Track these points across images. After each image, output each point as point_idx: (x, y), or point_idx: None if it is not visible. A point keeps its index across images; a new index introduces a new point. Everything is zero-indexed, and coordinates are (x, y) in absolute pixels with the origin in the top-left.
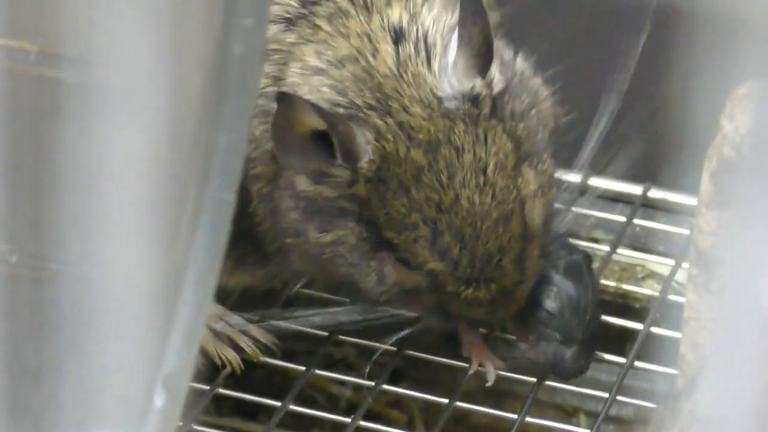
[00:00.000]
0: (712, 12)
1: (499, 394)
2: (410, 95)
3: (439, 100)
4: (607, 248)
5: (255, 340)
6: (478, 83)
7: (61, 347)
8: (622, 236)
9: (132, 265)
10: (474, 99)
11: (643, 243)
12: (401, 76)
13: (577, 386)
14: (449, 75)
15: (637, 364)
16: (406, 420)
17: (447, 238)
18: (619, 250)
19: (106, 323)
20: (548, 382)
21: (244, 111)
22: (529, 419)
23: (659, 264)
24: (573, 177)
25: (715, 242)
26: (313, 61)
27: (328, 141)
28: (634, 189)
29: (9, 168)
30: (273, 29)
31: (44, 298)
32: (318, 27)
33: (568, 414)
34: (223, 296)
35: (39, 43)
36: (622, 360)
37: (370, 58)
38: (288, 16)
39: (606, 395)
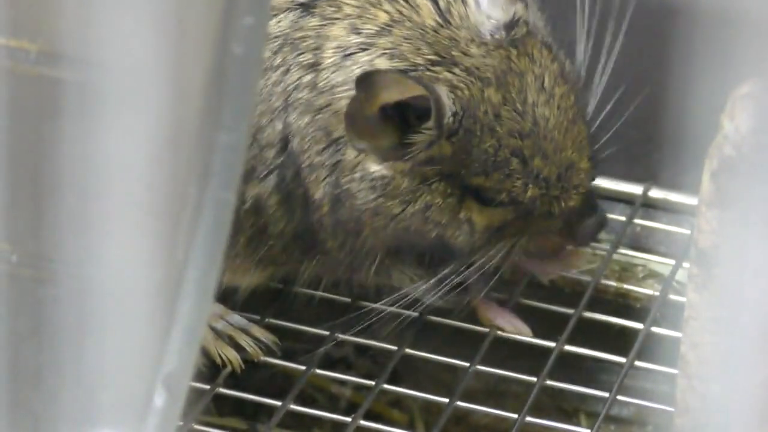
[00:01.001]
0: (713, 11)
1: (500, 394)
2: (464, 38)
3: (489, 34)
4: (607, 248)
5: (256, 340)
6: (518, 8)
7: (61, 347)
8: (623, 236)
9: (132, 264)
10: (514, 23)
11: (643, 243)
12: (449, 23)
13: (577, 386)
14: (488, 6)
15: (638, 363)
16: (407, 420)
17: (536, 161)
18: (620, 250)
19: (106, 323)
20: (549, 382)
21: (245, 110)
22: (529, 419)
23: (660, 263)
24: None
25: (715, 242)
26: (353, 38)
27: (396, 115)
28: (635, 188)
29: (9, 168)
30: (290, 17)
31: (45, 297)
32: (341, 4)
33: (568, 414)
34: (230, 296)
35: (39, 43)
36: (622, 360)
37: (414, 16)
38: (302, 1)
39: (606, 395)
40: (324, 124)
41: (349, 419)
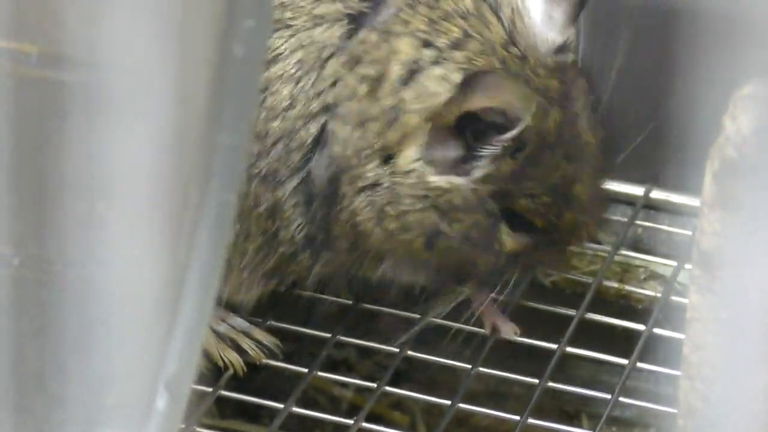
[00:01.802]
0: (715, 12)
1: (501, 396)
2: (532, 57)
3: (548, 55)
4: (609, 249)
5: (257, 342)
6: (572, 33)
7: (64, 349)
8: (625, 237)
9: (135, 266)
10: (566, 48)
11: (645, 244)
12: (516, 41)
13: (579, 388)
14: (543, 29)
15: (640, 365)
16: (408, 422)
17: (578, 188)
18: (622, 251)
19: (109, 325)
20: (551, 384)
21: (246, 112)
22: (531, 421)
23: (662, 265)
24: None
25: (717, 243)
26: (423, 52)
27: (461, 129)
28: (637, 190)
29: (12, 170)
30: (340, 28)
31: (47, 300)
32: (408, 18)
33: (570, 416)
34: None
35: (41, 45)
36: (624, 361)
37: (485, 33)
38: (354, 13)
39: (608, 396)
40: (377, 135)
41: (350, 421)
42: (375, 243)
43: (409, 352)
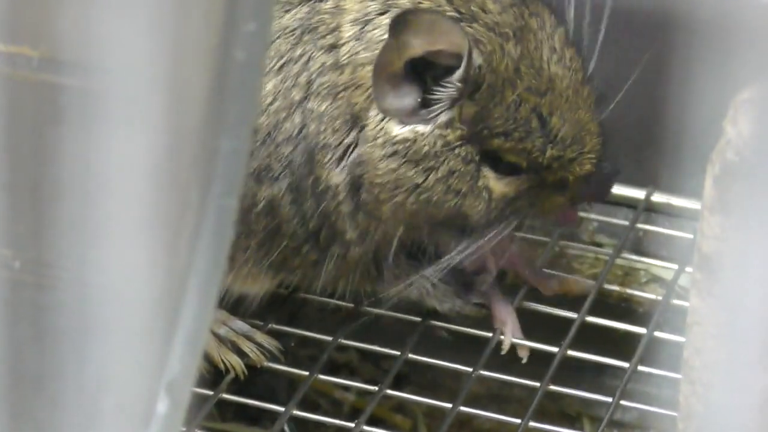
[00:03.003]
0: (714, 17)
1: (503, 399)
2: None
3: None
4: (610, 252)
5: (259, 345)
6: None
7: (63, 353)
8: (626, 240)
9: (134, 270)
10: None
11: (646, 247)
12: None
13: (580, 391)
14: None
15: (641, 368)
16: (410, 425)
17: (554, 120)
18: (623, 254)
19: (108, 329)
20: (552, 387)
21: (247, 116)
22: (532, 424)
23: (662, 268)
24: None
25: (718, 247)
26: (369, 4)
27: (416, 71)
28: (638, 193)
29: (11, 173)
30: (305, 9)
31: (47, 304)
32: None
33: (571, 418)
34: (237, 304)
35: (40, 49)
36: (625, 364)
37: None
38: None
39: (610, 400)
40: (345, 102)
41: (352, 424)
42: (381, 218)
43: (411, 355)
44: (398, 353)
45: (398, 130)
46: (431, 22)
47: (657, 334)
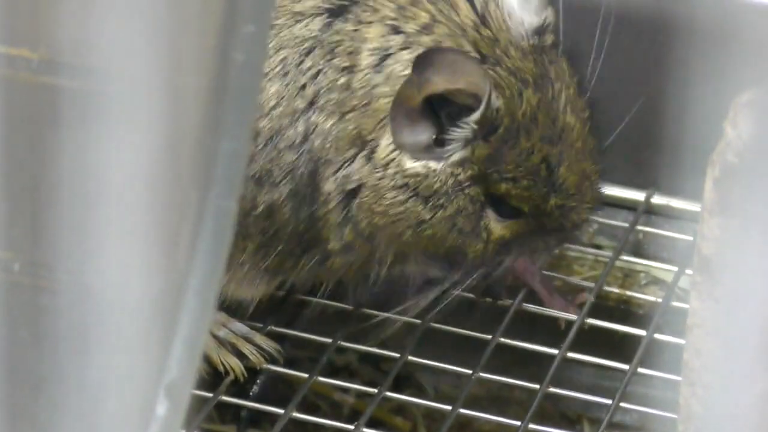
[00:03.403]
0: (714, 19)
1: (503, 401)
2: (503, 39)
3: (524, 38)
4: (610, 254)
5: (258, 347)
6: (549, 14)
7: (62, 355)
8: (625, 242)
9: (133, 273)
10: (545, 30)
11: (646, 249)
12: (487, 23)
13: (580, 393)
14: (519, 11)
15: (641, 370)
16: (410, 427)
17: (562, 170)
18: (622, 257)
19: (107, 331)
20: (552, 389)
21: (246, 118)
22: (532, 426)
23: (662, 270)
24: None
25: (718, 249)
26: (393, 38)
27: (434, 110)
28: (637, 195)
29: (10, 176)
30: (319, 21)
31: (46, 306)
32: (377, 6)
33: (571, 421)
34: (234, 306)
35: (40, 52)
36: (625, 366)
37: (454, 16)
38: (330, 6)
39: (609, 402)
40: (355, 125)
41: (352, 427)
42: (371, 240)
43: (411, 357)
44: (398, 355)
45: (410, 164)
46: (454, 61)
47: (657, 336)
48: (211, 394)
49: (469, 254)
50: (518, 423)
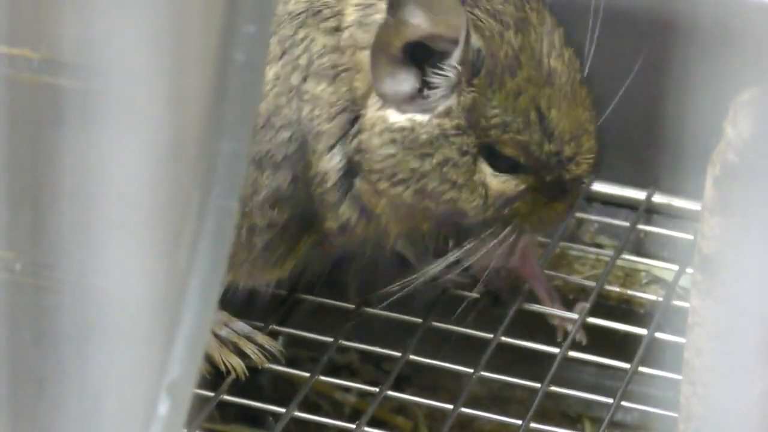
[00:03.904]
0: (715, 18)
1: (504, 400)
2: None
3: None
4: (610, 253)
5: (260, 347)
6: None
7: (64, 355)
8: (626, 241)
9: (135, 272)
10: None
11: (647, 248)
12: None
13: (581, 392)
14: None
15: (642, 369)
16: (411, 426)
17: (553, 114)
18: (623, 256)
19: (109, 331)
20: (553, 388)
21: (247, 118)
22: (533, 425)
23: (663, 269)
24: None
25: (719, 248)
26: None
27: (415, 58)
28: (638, 194)
29: (11, 175)
30: None
31: (48, 306)
32: None
33: (572, 420)
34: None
35: (41, 51)
36: (626, 365)
37: None
38: None
39: (610, 401)
40: (344, 85)
41: (353, 426)
42: (379, 213)
43: (412, 357)
44: (399, 354)
45: (396, 118)
46: (430, 1)
47: (658, 335)
48: (212, 394)
49: (468, 212)
50: (519, 422)
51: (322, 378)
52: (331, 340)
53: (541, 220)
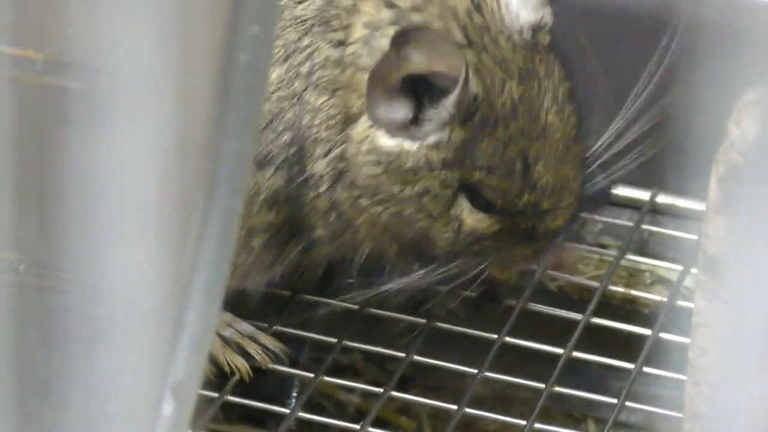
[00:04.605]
0: (720, 18)
1: (508, 401)
2: (495, 29)
3: (517, 32)
4: (615, 254)
5: (264, 347)
6: (546, 13)
7: (69, 356)
8: (630, 242)
9: (139, 273)
10: (539, 29)
11: (651, 248)
12: (481, 11)
13: (585, 392)
14: (516, 5)
15: (646, 369)
16: (415, 427)
17: (538, 167)
18: (627, 256)
19: (114, 332)
20: (557, 388)
21: (252, 119)
22: (537, 425)
23: (667, 269)
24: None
25: (723, 248)
26: (384, 12)
27: (414, 90)
28: (642, 194)
29: (16, 176)
30: (318, 1)
31: (52, 306)
32: None
33: (576, 420)
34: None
35: (46, 52)
36: (630, 366)
37: None
38: None
39: (615, 401)
40: (342, 101)
41: (357, 426)
42: (357, 225)
43: (416, 357)
44: (403, 355)
45: (385, 141)
46: (433, 42)
47: (662, 335)
48: (216, 394)
49: (438, 243)
50: (523, 422)
51: (326, 378)
52: (334, 340)
53: (509, 259)
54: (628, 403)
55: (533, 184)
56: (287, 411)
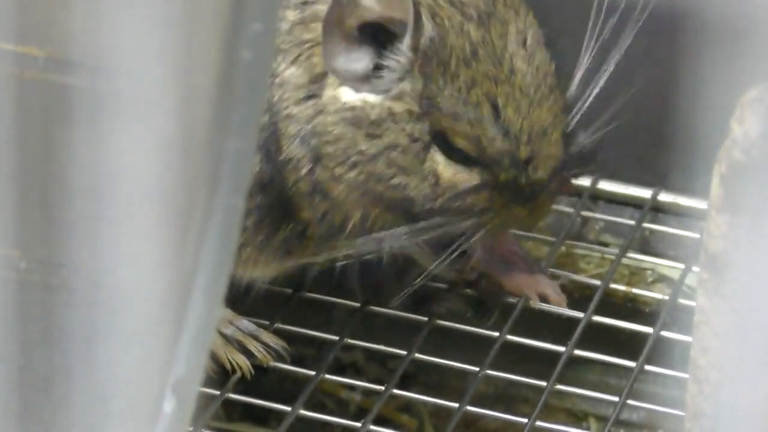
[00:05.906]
0: (722, 15)
1: (509, 399)
2: None
3: None
4: (616, 252)
5: (265, 345)
6: None
7: (71, 353)
8: (632, 240)
9: (141, 270)
10: None
11: (653, 247)
12: None
13: (587, 390)
14: None
15: (648, 368)
16: (416, 425)
17: (509, 111)
18: (629, 254)
19: (115, 329)
20: (559, 387)
21: (254, 117)
22: (539, 423)
23: (669, 268)
24: (583, 181)
25: (725, 246)
26: None
27: (372, 38)
28: (644, 192)
29: (19, 174)
30: None
31: (54, 304)
32: None
33: (578, 418)
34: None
35: (48, 49)
36: (632, 364)
37: None
38: None
39: (616, 399)
40: (308, 64)
41: (359, 424)
42: (337, 198)
43: (417, 355)
44: (404, 353)
45: (349, 97)
46: None
47: (664, 333)
48: (218, 392)
49: (416, 199)
50: (525, 420)
51: (328, 376)
52: (336, 338)
53: (503, 222)
54: (629, 401)
55: (506, 129)
56: (288, 409)
